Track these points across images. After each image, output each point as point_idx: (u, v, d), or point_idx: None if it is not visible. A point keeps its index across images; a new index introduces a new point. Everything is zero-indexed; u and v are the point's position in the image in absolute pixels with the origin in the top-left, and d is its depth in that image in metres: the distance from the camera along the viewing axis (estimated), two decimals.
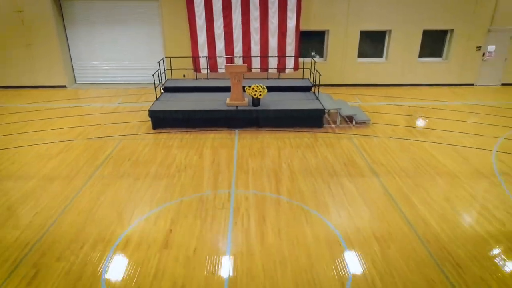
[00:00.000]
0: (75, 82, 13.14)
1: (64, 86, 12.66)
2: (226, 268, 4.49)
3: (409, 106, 10.72)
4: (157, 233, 5.12)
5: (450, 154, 7.55)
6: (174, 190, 6.21)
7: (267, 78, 11.26)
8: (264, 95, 8.71)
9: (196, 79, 11.56)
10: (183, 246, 4.88)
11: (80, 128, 9.11)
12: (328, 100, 9.77)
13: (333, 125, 9.21)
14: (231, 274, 4.39)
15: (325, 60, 12.60)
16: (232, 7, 10.75)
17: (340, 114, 9.21)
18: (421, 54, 12.71)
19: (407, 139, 8.35)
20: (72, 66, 12.92)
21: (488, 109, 10.53)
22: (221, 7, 10.80)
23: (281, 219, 5.46)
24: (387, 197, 6.00)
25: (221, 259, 4.63)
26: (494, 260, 4.59)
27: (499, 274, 4.35)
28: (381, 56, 12.85)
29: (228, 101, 9.04)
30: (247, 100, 9.05)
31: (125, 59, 12.72)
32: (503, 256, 4.66)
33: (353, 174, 6.77)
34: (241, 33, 11.07)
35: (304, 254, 4.69)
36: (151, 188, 6.28)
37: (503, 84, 13.03)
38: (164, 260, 4.61)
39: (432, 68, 12.81)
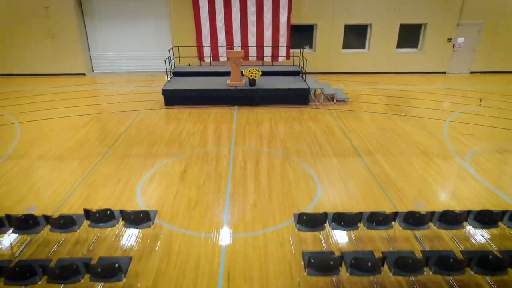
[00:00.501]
0: (93, 71, 14.79)
1: (83, 74, 14.31)
2: (227, 191, 6.16)
3: (385, 89, 12.38)
4: (174, 172, 6.79)
5: (411, 123, 9.22)
6: (186, 148, 7.86)
7: (262, 65, 12.90)
8: (258, 76, 10.37)
9: (201, 66, 13.21)
10: (195, 179, 6.55)
11: (103, 106, 10.78)
12: (313, 82, 11.45)
13: (317, 103, 10.88)
14: (230, 194, 6.07)
15: (314, 50, 14.26)
16: (232, 3, 12.40)
17: (323, 93, 10.88)
18: (399, 46, 14.36)
19: (378, 113, 10.01)
20: (90, 56, 14.58)
21: (453, 91, 12.20)
22: (222, 3, 12.45)
23: (270, 164, 7.13)
24: (355, 151, 7.67)
25: (224, 187, 6.30)
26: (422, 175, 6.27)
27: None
28: (363, 47, 14.51)
29: (228, 82, 10.70)
30: (244, 81, 10.71)
31: (137, 50, 14.37)
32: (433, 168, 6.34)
33: (329, 137, 8.43)
34: (239, 26, 12.74)
35: (286, 185, 6.36)
36: (167, 147, 7.93)
37: (471, 72, 14.69)
38: (181, 188, 6.27)
39: (409, 58, 14.48)
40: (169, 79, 11.56)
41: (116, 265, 3.75)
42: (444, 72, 14.69)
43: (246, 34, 12.80)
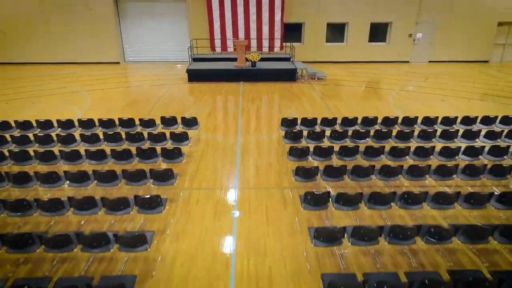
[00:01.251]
0: (125, 60, 18.33)
1: (118, 62, 17.85)
2: (237, 138, 9.67)
3: (356, 72, 15.93)
4: (203, 115, 10.30)
5: (367, 91, 12.75)
6: (206, 106, 11.33)
7: (261, 54, 16.42)
8: (258, 59, 13.93)
9: (213, 54, 16.77)
10: (217, 118, 10.05)
11: (140, 82, 14.29)
12: (300, 64, 15.02)
13: (302, 80, 14.43)
14: (240, 143, 9.58)
15: (303, 43, 17.84)
16: (237, 4, 15.97)
17: (307, 72, 14.45)
18: (370, 40, 17.96)
19: (347, 86, 13.55)
20: (123, 48, 18.13)
21: (411, 74, 15.75)
22: (230, 5, 16.01)
23: (267, 112, 10.65)
24: (325, 103, 11.19)
25: (235, 132, 9.79)
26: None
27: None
28: (342, 41, 18.10)
29: (235, 64, 14.25)
30: (248, 63, 14.25)
31: (161, 43, 17.93)
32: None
33: (309, 98, 11.94)
34: (243, 23, 16.29)
35: (276, 121, 9.86)
36: (194, 106, 11.42)
37: (429, 61, 18.28)
38: (209, 120, 9.76)
39: (378, 50, 18.07)
40: (190, 63, 15.12)
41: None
42: (407, 61, 18.28)
43: (249, 29, 16.37)
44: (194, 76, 14.14)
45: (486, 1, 17.22)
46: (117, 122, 8.33)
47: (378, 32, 17.99)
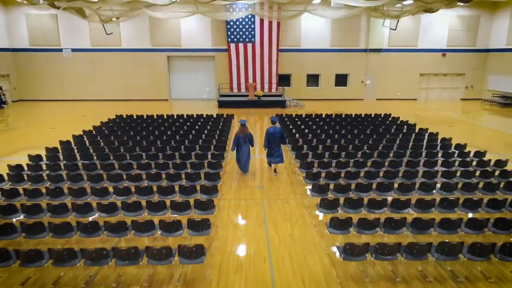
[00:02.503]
0: (171, 98, 27.06)
1: (167, 99, 26.55)
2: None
3: (325, 104, 24.52)
4: (234, 121, 18.64)
5: (331, 110, 21.21)
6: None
7: (262, 92, 25.14)
8: (261, 94, 22.60)
9: (232, 92, 25.48)
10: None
11: (183, 108, 22.77)
12: (288, 98, 23.73)
13: (289, 107, 22.98)
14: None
15: (291, 87, 26.69)
16: (248, 62, 24.98)
17: (292, 102, 23.11)
18: (336, 85, 26.87)
19: (312, 104, 22.02)
20: (170, 90, 26.93)
21: (362, 106, 24.32)
22: (243, 61, 25.01)
23: (267, 121, 19.01)
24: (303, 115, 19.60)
25: (251, 130, 18.09)
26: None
27: None
28: (317, 86, 27.00)
29: (248, 97, 22.92)
30: (255, 97, 22.90)
31: (196, 85, 26.78)
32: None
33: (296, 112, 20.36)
34: (252, 73, 25.19)
35: None
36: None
37: (377, 99, 27.05)
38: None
39: (341, 92, 26.92)
40: (219, 97, 23.83)
41: None
42: (361, 99, 27.07)
43: (255, 76, 25.26)
44: (222, 104, 22.74)
45: (410, 60, 26.40)
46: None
47: (340, 80, 26.97)
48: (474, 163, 9.86)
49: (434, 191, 7.96)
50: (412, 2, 18.42)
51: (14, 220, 6.57)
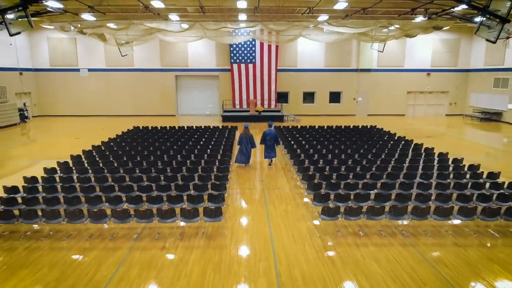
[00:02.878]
0: (177, 113, 29.38)
1: (174, 115, 28.86)
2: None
3: (320, 118, 26.79)
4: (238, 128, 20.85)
5: (324, 122, 23.43)
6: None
7: (262, 107, 27.43)
8: (261, 110, 24.90)
9: (234, 108, 27.77)
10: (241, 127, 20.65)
11: (190, 122, 25.01)
12: (286, 113, 26.02)
13: (287, 121, 25.23)
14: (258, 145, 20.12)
15: (289, 103, 29.03)
16: (249, 80, 27.39)
17: (289, 117, 25.38)
18: (330, 102, 29.22)
19: (308, 119, 24.26)
20: (177, 106, 29.28)
21: (348, 118, 26.59)
22: (245, 80, 27.44)
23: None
24: (298, 126, 21.81)
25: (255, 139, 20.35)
26: None
27: None
28: (313, 102, 29.36)
29: (249, 112, 25.21)
30: (256, 112, 25.19)
31: (201, 102, 29.14)
32: None
33: (292, 127, 22.58)
34: (252, 90, 27.57)
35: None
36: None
37: (368, 115, 29.34)
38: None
39: (335, 108, 29.25)
40: (222, 112, 26.13)
41: None
42: (354, 115, 29.37)
43: (255, 93, 27.63)
44: (225, 118, 25.02)
45: (397, 79, 28.85)
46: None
47: (334, 97, 29.36)
48: (450, 168, 11.58)
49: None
50: (394, 28, 20.92)
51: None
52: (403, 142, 15.12)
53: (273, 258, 6.69)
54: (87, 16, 18.39)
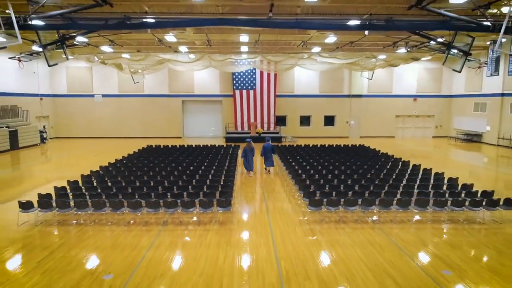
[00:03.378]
0: (184, 136, 31.69)
1: (180, 137, 31.16)
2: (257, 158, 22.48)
3: (314, 140, 29.06)
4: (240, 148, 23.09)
5: (318, 143, 25.66)
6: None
7: (262, 131, 29.74)
8: (262, 131, 27.23)
9: (236, 130, 30.09)
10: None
11: (196, 143, 27.28)
12: (284, 134, 28.34)
13: (285, 141, 27.51)
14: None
15: (286, 126, 31.41)
16: (250, 105, 29.87)
17: (287, 137, 27.68)
18: (325, 125, 31.61)
19: (308, 142, 26.51)
20: (183, 128, 31.64)
21: (341, 140, 28.88)
22: (246, 105, 29.92)
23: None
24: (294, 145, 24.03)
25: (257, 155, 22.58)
26: None
27: None
28: (309, 125, 31.75)
29: (250, 134, 27.53)
30: (256, 134, 27.50)
31: (206, 125, 31.52)
32: None
33: (290, 147, 24.81)
34: (253, 114, 30.00)
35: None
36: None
37: (361, 137, 31.65)
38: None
39: (329, 131, 31.61)
40: (225, 134, 28.45)
41: None
42: (347, 137, 31.69)
43: (256, 117, 30.05)
44: (228, 139, 27.32)
45: (387, 104, 31.36)
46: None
47: (329, 120, 31.79)
48: (431, 180, 13.82)
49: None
50: (379, 59, 23.55)
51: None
52: (392, 159, 17.28)
53: (271, 236, 8.74)
54: (106, 48, 21.00)
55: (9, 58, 22.07)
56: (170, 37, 19.05)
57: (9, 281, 6.59)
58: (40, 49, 17.07)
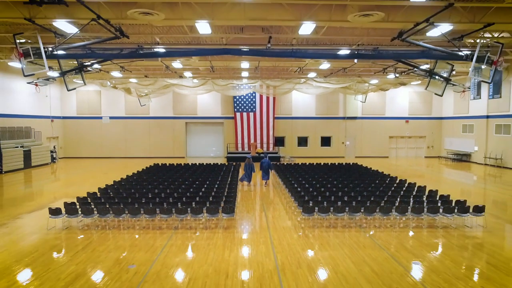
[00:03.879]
0: (187, 155, 33.14)
1: (183, 157, 32.61)
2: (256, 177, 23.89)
3: (310, 159, 30.48)
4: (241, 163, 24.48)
5: (314, 161, 27.08)
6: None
7: (262, 151, 31.18)
8: (261, 151, 28.70)
9: (237, 150, 31.55)
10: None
11: (199, 161, 28.69)
12: (282, 154, 29.79)
13: (283, 161, 28.93)
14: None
15: (285, 147, 32.91)
16: (250, 127, 31.46)
17: (285, 157, 29.13)
18: (322, 145, 33.13)
19: (305, 162, 27.91)
20: (187, 148, 33.12)
21: (337, 159, 30.30)
22: (246, 127, 31.51)
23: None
24: (290, 164, 25.45)
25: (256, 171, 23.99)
26: None
27: None
28: (306, 146, 33.26)
29: (250, 154, 28.99)
30: (256, 154, 28.96)
31: (207, 145, 33.02)
32: None
33: (287, 165, 26.20)
34: (253, 135, 31.57)
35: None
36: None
37: (356, 157, 33.10)
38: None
39: (326, 151, 33.09)
40: (227, 154, 29.91)
41: None
42: (343, 157, 33.15)
43: (256, 138, 31.60)
44: (229, 159, 28.77)
45: (380, 126, 32.99)
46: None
47: (325, 141, 33.33)
48: (414, 192, 15.35)
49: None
50: (370, 83, 25.30)
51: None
52: (381, 175, 18.69)
53: (269, 236, 10.07)
54: (116, 73, 22.76)
55: (28, 83, 23.77)
56: (176, 64, 20.81)
57: (50, 269, 7.90)
58: (56, 75, 18.83)
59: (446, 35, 13.95)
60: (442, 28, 13.69)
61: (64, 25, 13.52)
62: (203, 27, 13.34)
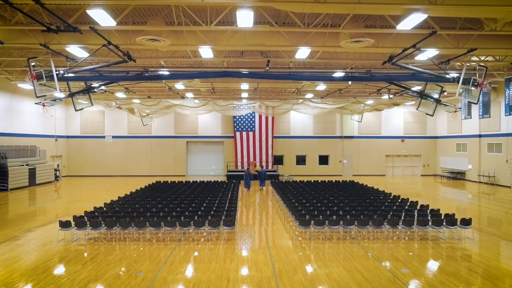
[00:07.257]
0: (187, 174, 33.78)
1: (184, 175, 33.23)
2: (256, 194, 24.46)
3: (308, 177, 31.13)
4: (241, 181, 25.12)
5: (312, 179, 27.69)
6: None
7: (261, 168, 31.84)
8: (260, 169, 29.39)
9: (237, 169, 32.22)
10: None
11: (200, 179, 29.32)
12: (281, 173, 30.47)
13: (282, 179, 29.58)
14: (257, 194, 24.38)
15: (284, 165, 33.61)
16: (249, 146, 32.25)
17: (284, 176, 29.79)
18: (319, 163, 33.85)
19: (303, 180, 28.57)
20: (187, 167, 33.79)
21: (335, 177, 30.95)
22: (246, 146, 32.31)
23: (267, 185, 25.49)
24: (289, 181, 26.08)
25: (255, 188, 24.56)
26: None
27: None
28: (305, 164, 33.97)
29: (250, 171, 29.68)
30: (256, 172, 29.64)
31: (208, 165, 33.70)
32: None
33: (288, 183, 26.84)
34: (253, 154, 32.32)
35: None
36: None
37: (353, 175, 33.75)
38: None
39: (324, 169, 33.78)
40: (226, 172, 30.59)
41: None
42: (340, 175, 33.81)
43: (255, 156, 32.34)
44: (229, 177, 29.42)
45: (376, 145, 33.81)
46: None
47: (323, 160, 34.07)
48: (406, 206, 15.97)
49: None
50: (365, 104, 26.26)
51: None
52: (376, 191, 19.35)
53: (267, 246, 10.69)
54: (120, 94, 23.70)
55: (35, 103, 24.67)
56: (179, 85, 21.77)
57: (64, 276, 8.50)
58: (63, 96, 19.74)
59: (433, 60, 14.92)
60: (428, 53, 14.69)
61: (76, 50, 14.47)
62: (206, 52, 14.31)
